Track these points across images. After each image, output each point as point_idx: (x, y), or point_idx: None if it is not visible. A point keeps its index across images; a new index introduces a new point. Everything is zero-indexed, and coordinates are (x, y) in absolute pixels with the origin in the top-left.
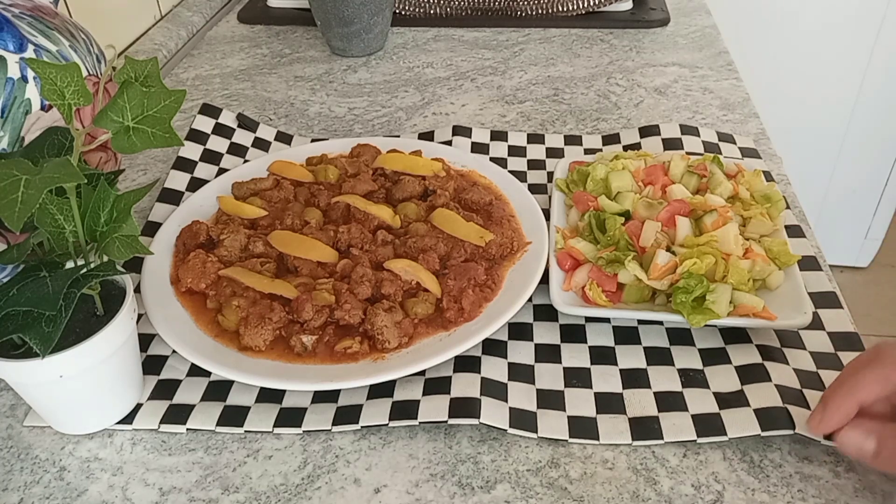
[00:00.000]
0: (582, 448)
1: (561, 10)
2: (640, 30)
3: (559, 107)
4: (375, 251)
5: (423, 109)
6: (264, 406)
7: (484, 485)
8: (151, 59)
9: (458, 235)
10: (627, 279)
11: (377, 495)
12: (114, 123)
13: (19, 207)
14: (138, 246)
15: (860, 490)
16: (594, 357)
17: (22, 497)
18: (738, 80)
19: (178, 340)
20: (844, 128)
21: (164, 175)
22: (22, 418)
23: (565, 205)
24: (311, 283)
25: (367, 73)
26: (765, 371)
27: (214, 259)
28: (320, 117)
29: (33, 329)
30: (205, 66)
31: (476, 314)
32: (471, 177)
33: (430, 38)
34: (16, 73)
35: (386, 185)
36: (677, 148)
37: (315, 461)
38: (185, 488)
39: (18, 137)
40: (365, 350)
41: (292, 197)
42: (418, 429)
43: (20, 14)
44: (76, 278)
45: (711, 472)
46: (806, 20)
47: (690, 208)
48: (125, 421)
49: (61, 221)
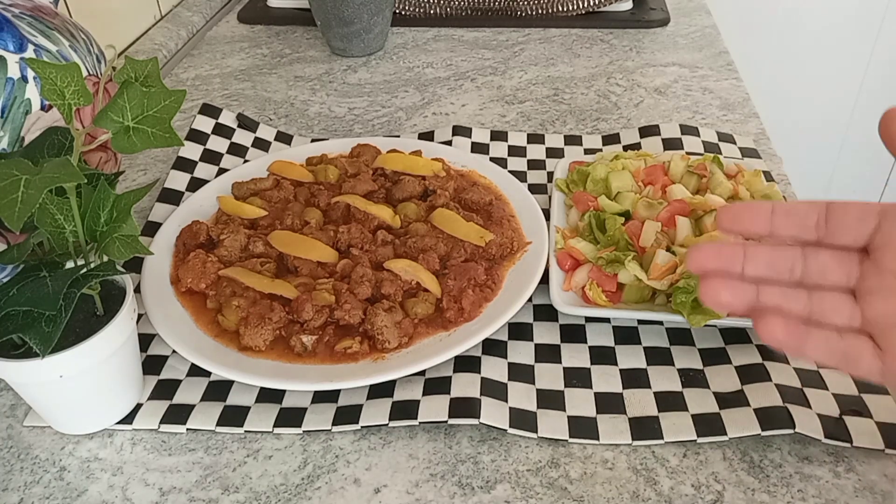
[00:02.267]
0: (582, 448)
1: (561, 10)
2: (640, 30)
3: (559, 107)
4: (375, 251)
5: (423, 109)
6: (264, 406)
7: (484, 485)
8: (151, 59)
9: (458, 235)
10: (627, 279)
11: (377, 495)
12: (114, 123)
13: (19, 207)
14: (138, 246)
15: (860, 490)
16: (594, 357)
17: (22, 497)
18: (738, 80)
19: (178, 340)
20: (844, 128)
21: (164, 175)
22: (22, 418)
23: (565, 205)
24: (311, 283)
25: (367, 73)
26: (765, 371)
27: (214, 259)
28: (320, 117)
29: (33, 329)
30: (205, 66)
31: (476, 314)
32: (471, 177)
33: (430, 38)
34: (16, 73)
35: (386, 185)
36: (677, 148)
37: (315, 461)
38: (185, 488)
39: (18, 137)
40: (365, 350)
41: (292, 197)
42: (418, 429)
43: (20, 14)
44: (76, 278)
45: (711, 472)
46: (806, 20)
47: (690, 208)
48: (125, 421)
49: (61, 221)
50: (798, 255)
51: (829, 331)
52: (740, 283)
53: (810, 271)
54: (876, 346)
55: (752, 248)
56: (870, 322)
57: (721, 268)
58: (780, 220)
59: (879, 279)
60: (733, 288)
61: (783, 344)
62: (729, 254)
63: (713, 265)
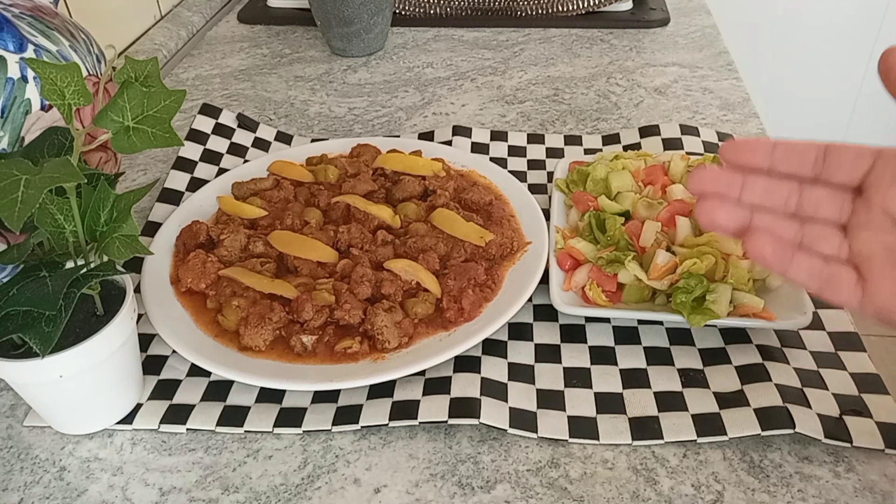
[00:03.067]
0: (582, 448)
1: (561, 10)
2: (640, 30)
3: (559, 107)
4: (375, 251)
5: (423, 109)
6: (264, 406)
7: (484, 485)
8: (151, 59)
9: (458, 235)
10: (627, 279)
11: (377, 495)
12: (114, 123)
13: (19, 207)
14: (138, 246)
15: (860, 490)
16: (594, 357)
17: (22, 497)
18: (738, 80)
19: (178, 340)
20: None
21: (164, 175)
22: (22, 418)
23: (565, 205)
24: (311, 283)
25: (367, 73)
26: (765, 371)
27: (214, 259)
28: (320, 117)
29: (33, 329)
30: (205, 66)
31: (476, 314)
32: (471, 177)
33: (430, 38)
34: (16, 73)
35: (386, 185)
36: (677, 148)
37: (315, 461)
38: (185, 488)
39: (18, 137)
40: (365, 350)
41: (292, 197)
42: (418, 429)
43: (20, 14)
44: (76, 278)
45: (711, 472)
46: (806, 20)
47: (690, 208)
48: (125, 421)
49: (61, 221)
50: (794, 188)
51: (815, 257)
52: (735, 206)
53: (804, 205)
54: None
55: (751, 176)
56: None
57: (719, 191)
58: (780, 155)
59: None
60: (728, 209)
61: (769, 262)
62: (728, 178)
63: (712, 187)
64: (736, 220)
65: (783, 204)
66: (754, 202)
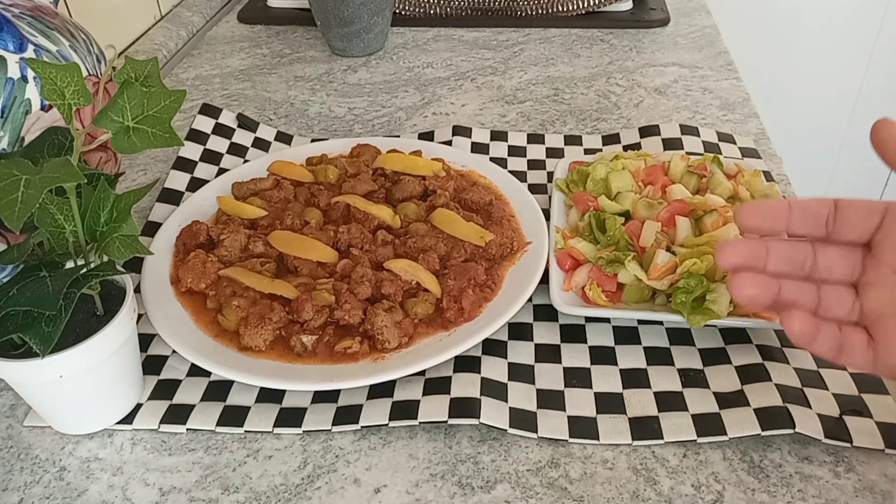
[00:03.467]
0: (582, 448)
1: (561, 10)
2: (640, 30)
3: (559, 107)
4: (375, 251)
5: (423, 109)
6: (264, 406)
7: (484, 485)
8: (151, 59)
9: (458, 235)
10: (627, 279)
11: (377, 495)
12: (114, 123)
13: (19, 207)
14: (138, 246)
15: (860, 490)
16: (594, 357)
17: (22, 497)
18: (738, 80)
19: (178, 340)
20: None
21: (164, 175)
22: (22, 418)
23: (565, 205)
24: (311, 283)
25: (367, 73)
26: (765, 371)
27: (214, 259)
28: (320, 117)
29: (33, 329)
30: (205, 66)
31: (476, 314)
32: (471, 177)
33: (430, 38)
34: (16, 73)
35: (386, 185)
36: (677, 148)
37: (315, 461)
38: (185, 488)
39: (18, 137)
40: (365, 350)
41: (292, 197)
42: (418, 429)
43: (20, 14)
44: (76, 278)
45: (711, 472)
46: (806, 20)
47: (690, 208)
48: (125, 421)
49: (61, 221)
50: (809, 250)
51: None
52: (765, 279)
53: (819, 266)
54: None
55: (773, 244)
56: (865, 314)
57: (747, 263)
58: (796, 217)
59: (877, 272)
60: (760, 283)
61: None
62: (754, 250)
63: (741, 261)
64: (768, 294)
65: (801, 267)
66: (778, 270)
